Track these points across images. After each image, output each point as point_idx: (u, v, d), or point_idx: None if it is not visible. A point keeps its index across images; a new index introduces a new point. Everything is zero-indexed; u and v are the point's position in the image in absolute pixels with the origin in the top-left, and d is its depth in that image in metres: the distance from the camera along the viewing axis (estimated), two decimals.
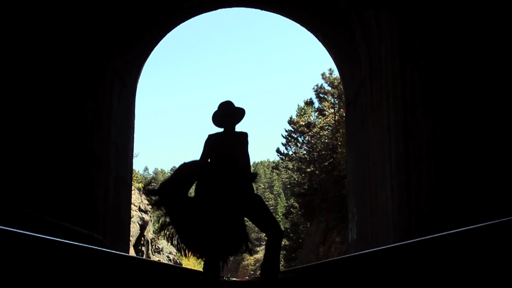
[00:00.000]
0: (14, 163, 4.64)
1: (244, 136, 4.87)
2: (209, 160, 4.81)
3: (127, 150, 8.55)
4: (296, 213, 30.57)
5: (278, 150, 30.00)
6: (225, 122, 4.92)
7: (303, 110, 29.21)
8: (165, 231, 4.66)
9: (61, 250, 2.10)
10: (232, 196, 4.56)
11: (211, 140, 4.86)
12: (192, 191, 4.78)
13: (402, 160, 5.84)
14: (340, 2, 7.67)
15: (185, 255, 4.70)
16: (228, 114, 4.91)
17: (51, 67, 5.47)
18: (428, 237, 2.16)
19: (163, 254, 24.52)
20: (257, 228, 4.93)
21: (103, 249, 2.85)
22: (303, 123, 27.89)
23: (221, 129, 4.97)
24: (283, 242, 32.49)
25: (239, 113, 4.96)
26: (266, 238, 4.77)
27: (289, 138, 29.06)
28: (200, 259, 4.82)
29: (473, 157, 4.07)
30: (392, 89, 6.25)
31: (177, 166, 4.91)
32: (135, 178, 27.54)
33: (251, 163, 5.04)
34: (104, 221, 7.11)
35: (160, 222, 4.79)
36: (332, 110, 25.35)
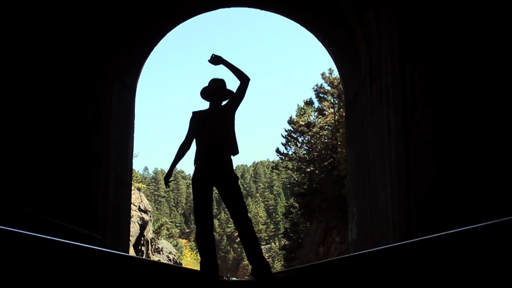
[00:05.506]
0: (14, 163, 4.64)
1: (226, 107, 4.87)
2: (193, 138, 4.86)
3: (127, 150, 8.55)
4: (296, 213, 30.58)
5: (278, 150, 30.01)
6: (212, 96, 4.94)
7: (303, 110, 29.23)
8: None
9: (61, 250, 2.10)
10: (213, 181, 4.66)
11: (195, 118, 4.90)
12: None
13: (402, 160, 5.85)
14: (340, 2, 7.67)
15: None
16: (216, 89, 4.92)
17: (51, 67, 5.46)
18: (428, 237, 2.16)
19: (163, 254, 24.54)
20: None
21: (103, 249, 2.85)
22: (303, 123, 27.90)
23: (207, 105, 5.01)
24: (283, 242, 32.47)
25: (227, 93, 4.97)
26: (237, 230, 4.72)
27: (289, 138, 29.07)
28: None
29: (473, 157, 4.07)
30: (392, 88, 6.25)
31: (177, 166, 5.00)
32: (135, 178, 27.54)
33: (251, 163, 5.06)
34: (104, 221, 7.11)
35: None
36: (332, 110, 25.37)
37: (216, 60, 4.88)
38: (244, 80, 4.83)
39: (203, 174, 4.68)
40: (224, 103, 4.96)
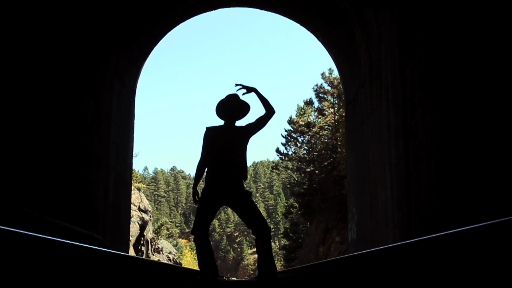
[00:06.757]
0: (14, 163, 4.64)
1: (243, 130, 4.92)
2: (208, 155, 4.87)
3: (127, 150, 8.55)
4: (296, 213, 30.60)
5: (277, 150, 30.03)
6: (227, 116, 4.95)
7: (302, 110, 29.25)
8: None
9: (61, 250, 2.10)
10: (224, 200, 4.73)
11: (210, 135, 4.91)
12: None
13: (401, 159, 5.85)
14: (340, 2, 7.67)
15: None
16: (231, 109, 4.94)
17: (51, 67, 5.46)
18: (428, 237, 2.16)
19: (162, 254, 24.55)
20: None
21: (103, 249, 2.84)
22: (303, 123, 27.92)
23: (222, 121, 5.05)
24: (282, 242, 32.58)
25: (242, 110, 4.98)
26: (254, 237, 4.78)
27: (289, 138, 29.09)
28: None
29: (473, 157, 4.07)
30: (391, 88, 6.25)
31: (177, 166, 5.04)
32: (135, 178, 27.56)
33: (251, 163, 5.09)
34: (104, 221, 7.11)
35: None
36: (332, 110, 25.39)
37: (249, 89, 4.95)
38: (270, 112, 4.92)
39: (215, 192, 4.72)
40: (240, 122, 5.03)
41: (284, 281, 5.44)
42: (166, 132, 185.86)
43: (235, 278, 38.42)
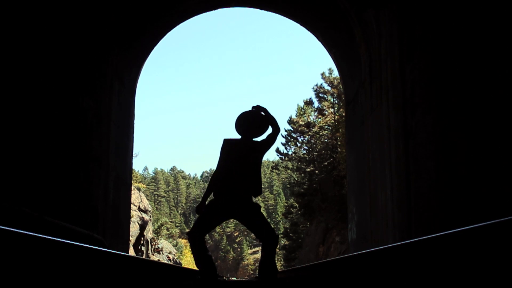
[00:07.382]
0: (13, 163, 4.64)
1: (258, 145, 5.00)
2: (221, 168, 4.92)
3: (126, 150, 8.55)
4: (296, 213, 30.60)
5: (277, 150, 30.02)
6: (244, 131, 5.04)
7: (302, 110, 29.24)
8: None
9: (61, 250, 2.10)
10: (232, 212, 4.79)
11: (226, 148, 4.97)
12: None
13: (401, 159, 5.85)
14: (340, 2, 7.67)
15: None
16: (248, 125, 5.04)
17: (51, 67, 5.47)
18: (428, 237, 2.16)
19: (162, 254, 24.55)
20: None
21: (103, 249, 2.85)
22: (303, 123, 27.92)
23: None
24: (282, 242, 32.69)
25: (260, 127, 5.06)
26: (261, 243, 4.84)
27: (289, 137, 29.09)
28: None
29: (473, 157, 4.07)
30: (391, 88, 6.25)
31: (177, 166, 5.07)
32: (135, 178, 27.58)
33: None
34: (104, 221, 7.11)
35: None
36: (332, 110, 25.38)
37: (259, 108, 5.12)
38: (277, 130, 5.08)
39: (222, 205, 4.76)
40: (257, 138, 5.09)
41: (284, 281, 5.45)
42: (166, 132, 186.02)
43: (235, 278, 38.43)
